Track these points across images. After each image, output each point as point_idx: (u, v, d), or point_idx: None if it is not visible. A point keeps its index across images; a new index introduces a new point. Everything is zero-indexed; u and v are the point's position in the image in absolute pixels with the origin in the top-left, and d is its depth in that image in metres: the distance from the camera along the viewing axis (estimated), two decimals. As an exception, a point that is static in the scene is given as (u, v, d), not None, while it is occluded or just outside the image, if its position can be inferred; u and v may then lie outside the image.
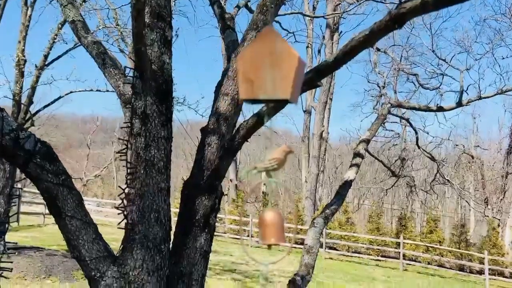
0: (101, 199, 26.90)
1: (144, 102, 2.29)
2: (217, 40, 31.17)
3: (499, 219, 20.77)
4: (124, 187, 2.25)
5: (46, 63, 9.72)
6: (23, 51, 9.26)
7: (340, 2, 19.15)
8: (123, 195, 2.23)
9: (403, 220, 20.91)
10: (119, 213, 2.22)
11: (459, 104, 5.52)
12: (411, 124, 5.94)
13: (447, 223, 28.74)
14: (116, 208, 2.28)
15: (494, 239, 18.52)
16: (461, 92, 5.82)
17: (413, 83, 17.39)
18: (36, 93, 9.76)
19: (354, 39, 1.70)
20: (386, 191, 22.86)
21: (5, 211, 8.48)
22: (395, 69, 16.49)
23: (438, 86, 10.36)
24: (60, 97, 10.50)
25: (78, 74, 19.43)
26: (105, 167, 33.20)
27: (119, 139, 2.43)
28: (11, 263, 2.44)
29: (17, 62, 9.17)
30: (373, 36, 1.64)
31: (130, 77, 2.48)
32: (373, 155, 5.85)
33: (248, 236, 18.92)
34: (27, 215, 16.94)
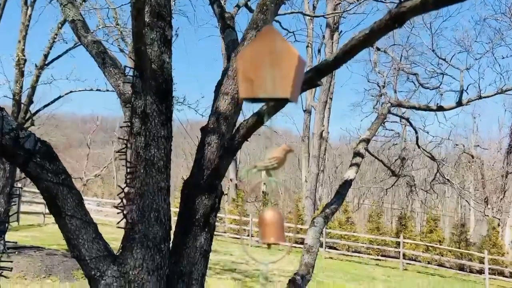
0: (101, 198, 26.91)
1: (144, 101, 2.29)
2: (217, 39, 31.15)
3: (499, 219, 20.77)
4: (123, 187, 2.25)
5: (46, 62, 9.72)
6: (23, 50, 9.25)
7: (340, 2, 19.14)
8: (122, 195, 2.23)
9: (403, 219, 20.92)
10: (118, 213, 2.22)
11: (459, 103, 5.52)
12: (411, 124, 5.94)
13: (447, 222, 28.74)
14: (115, 207, 2.28)
15: (494, 239, 18.52)
16: (461, 91, 5.82)
17: (413, 82, 17.39)
18: (36, 93, 9.77)
19: (354, 38, 1.70)
20: (386, 191, 22.88)
21: (5, 211, 8.48)
22: (395, 69, 16.49)
23: (438, 86, 10.37)
24: (60, 97, 10.50)
25: (78, 74, 19.51)
26: (105, 167, 33.21)
27: (119, 138, 2.43)
28: (11, 262, 2.44)
29: (17, 61, 9.17)
30: (373, 35, 1.64)
31: (130, 76, 2.48)
32: (373, 155, 5.84)
33: (248, 235, 18.93)
34: (27, 215, 16.94)
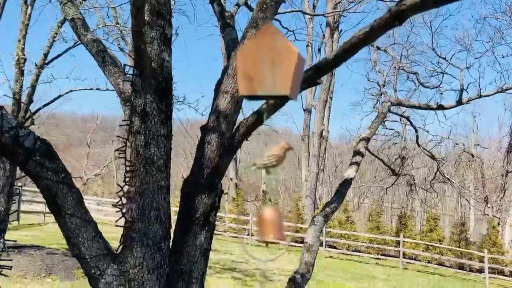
0: (101, 197, 26.93)
1: (144, 100, 2.29)
2: (217, 38, 31.16)
3: (499, 218, 20.78)
4: (122, 185, 2.24)
5: (46, 61, 9.72)
6: (23, 49, 9.25)
7: (340, 1, 19.14)
8: (121, 193, 2.23)
9: (403, 218, 20.93)
10: (117, 211, 2.22)
11: (459, 102, 5.51)
12: (411, 123, 5.94)
13: (447, 221, 28.74)
14: (114, 206, 2.28)
15: (494, 238, 18.53)
16: (461, 90, 5.81)
17: (413, 81, 17.40)
18: (36, 92, 9.76)
19: (354, 36, 1.69)
20: (386, 190, 22.89)
21: (5, 210, 8.49)
22: (395, 68, 16.49)
23: (438, 85, 10.38)
24: (60, 96, 10.49)
25: (78, 73, 19.58)
26: (105, 166, 33.23)
27: (118, 137, 2.43)
28: (11, 261, 2.43)
29: (17, 60, 9.17)
30: (373, 33, 1.63)
31: (129, 75, 2.47)
32: (373, 154, 5.84)
33: (248, 235, 18.94)
34: (27, 214, 16.96)
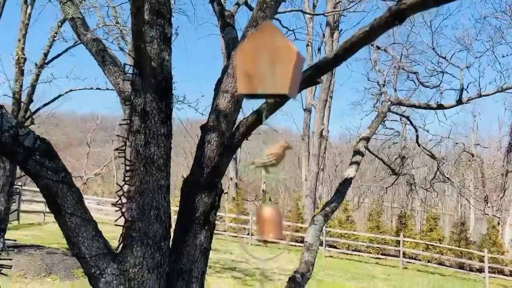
0: (101, 197, 26.94)
1: (144, 99, 2.29)
2: (217, 38, 31.15)
3: (499, 217, 20.78)
4: (122, 185, 2.24)
5: (46, 61, 9.71)
6: (23, 49, 9.24)
7: (340, 0, 19.13)
8: (120, 192, 2.22)
9: (403, 218, 20.93)
10: (117, 210, 2.22)
11: (459, 102, 5.51)
12: (411, 122, 5.93)
13: (447, 221, 28.74)
14: (113, 205, 2.27)
15: (494, 237, 18.53)
16: (461, 90, 5.80)
17: (413, 81, 17.41)
18: (36, 91, 9.74)
19: (354, 35, 1.69)
20: (386, 189, 22.90)
21: (5, 209, 8.49)
22: (395, 67, 16.49)
23: (438, 84, 10.38)
24: (60, 96, 10.48)
25: (78, 72, 19.62)
26: (105, 166, 33.23)
27: (118, 136, 2.43)
28: (10, 260, 2.43)
29: (17, 60, 9.16)
30: (373, 33, 1.63)
31: (129, 74, 2.47)
32: (373, 153, 5.84)
33: (248, 234, 18.94)
34: (27, 214, 16.96)
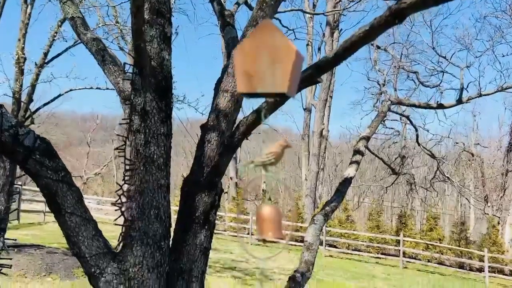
0: (101, 197, 26.95)
1: (144, 99, 2.28)
2: (217, 38, 31.14)
3: (499, 217, 20.78)
4: (122, 184, 2.24)
5: (46, 61, 9.70)
6: (22, 49, 9.24)
7: (341, 0, 19.12)
8: (120, 192, 2.22)
9: (403, 218, 20.93)
10: (116, 210, 2.22)
11: (459, 101, 5.50)
12: (411, 121, 5.93)
13: (447, 220, 28.74)
14: (113, 204, 2.27)
15: (494, 237, 18.54)
16: (461, 89, 5.80)
17: (413, 80, 17.42)
18: (36, 91, 9.74)
19: (354, 34, 1.69)
20: (386, 189, 22.91)
21: (5, 209, 8.49)
22: (395, 67, 16.50)
23: (438, 84, 10.38)
24: (60, 95, 10.46)
25: (78, 72, 19.56)
26: (105, 165, 33.22)
27: (118, 135, 2.43)
28: (10, 259, 2.43)
29: (16, 60, 9.16)
30: (373, 32, 1.63)
31: (129, 73, 2.47)
32: (373, 153, 5.84)
33: (248, 234, 18.94)
34: (27, 213, 16.96)
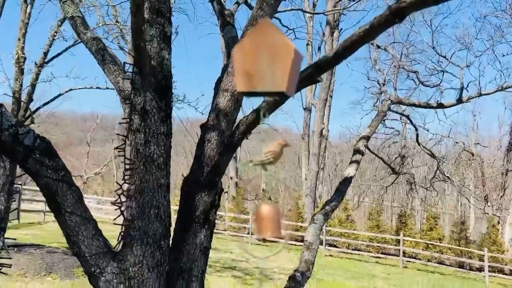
0: (101, 196, 26.95)
1: (144, 98, 2.28)
2: (217, 37, 31.15)
3: (499, 216, 20.79)
4: (121, 183, 2.24)
5: (46, 60, 9.70)
6: (22, 48, 9.24)
7: (340, -1, 19.11)
8: (120, 191, 2.22)
9: (403, 217, 20.94)
10: (116, 209, 2.21)
11: (459, 101, 5.50)
12: (411, 121, 5.93)
13: (447, 220, 28.75)
14: (112, 203, 2.27)
15: (494, 236, 18.54)
16: (461, 89, 5.80)
17: (413, 80, 17.42)
18: (36, 91, 9.73)
19: (354, 34, 1.69)
20: (386, 189, 22.92)
21: (5, 208, 8.49)
22: (395, 66, 16.50)
23: (438, 83, 10.39)
24: (60, 95, 10.45)
25: (78, 72, 19.58)
26: (105, 165, 33.21)
27: (118, 135, 2.43)
28: (10, 259, 2.43)
29: (16, 59, 9.16)
30: (373, 31, 1.63)
31: (129, 73, 2.47)
32: (373, 152, 5.85)
33: (248, 233, 18.94)
34: (27, 213, 16.97)
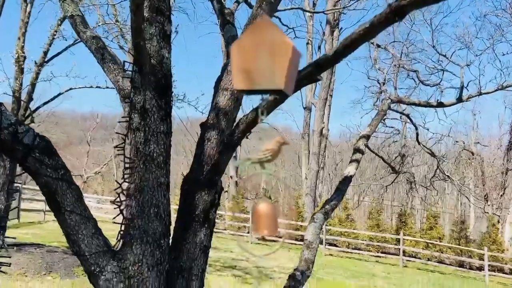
0: (101, 196, 26.96)
1: (143, 97, 2.28)
2: (217, 36, 31.14)
3: (499, 216, 20.80)
4: (121, 182, 2.24)
5: (46, 59, 9.70)
6: (22, 47, 9.24)
7: (340, -2, 19.09)
8: (119, 190, 2.22)
9: (403, 216, 20.94)
10: (115, 208, 2.21)
11: (460, 100, 5.50)
12: (411, 120, 5.92)
13: (447, 219, 28.76)
14: (112, 202, 2.27)
15: (494, 236, 18.55)
16: (461, 88, 5.80)
17: (413, 79, 17.41)
18: (35, 90, 9.75)
19: (354, 32, 1.69)
20: (386, 188, 22.90)
21: (5, 207, 8.49)
22: (395, 66, 16.48)
23: (438, 83, 10.37)
24: (60, 94, 10.46)
25: (78, 71, 19.65)
26: (105, 164, 33.19)
27: (118, 133, 2.43)
28: (9, 258, 2.43)
29: (16, 58, 9.16)
30: (373, 29, 1.63)
31: (129, 71, 2.47)
32: (373, 151, 5.85)
33: (248, 232, 18.95)
34: (27, 212, 16.97)
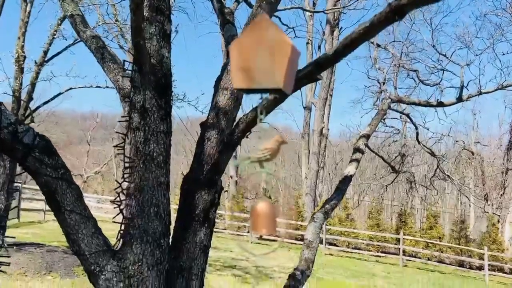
0: (101, 195, 26.97)
1: (143, 96, 2.28)
2: (217, 36, 31.14)
3: (499, 215, 20.80)
4: (121, 182, 2.23)
5: (46, 59, 9.70)
6: (22, 47, 9.23)
7: (340, -2, 19.09)
8: (119, 189, 2.22)
9: (403, 216, 20.95)
10: (115, 207, 2.21)
11: (460, 99, 5.50)
12: (411, 120, 5.92)
13: (447, 219, 28.77)
14: (112, 202, 2.27)
15: (494, 235, 18.56)
16: (461, 87, 5.80)
17: (413, 79, 17.38)
18: (35, 90, 9.75)
19: (354, 31, 1.69)
20: (386, 187, 22.88)
21: (5, 207, 8.49)
22: (395, 65, 16.47)
23: (438, 82, 10.36)
24: (60, 94, 10.45)
25: (78, 71, 19.65)
26: (105, 164, 33.19)
27: (117, 133, 2.42)
28: (9, 257, 2.43)
29: (16, 58, 9.15)
30: (373, 28, 1.62)
31: (129, 71, 2.46)
32: (373, 151, 5.84)
33: (248, 232, 18.95)
34: (27, 212, 16.97)
